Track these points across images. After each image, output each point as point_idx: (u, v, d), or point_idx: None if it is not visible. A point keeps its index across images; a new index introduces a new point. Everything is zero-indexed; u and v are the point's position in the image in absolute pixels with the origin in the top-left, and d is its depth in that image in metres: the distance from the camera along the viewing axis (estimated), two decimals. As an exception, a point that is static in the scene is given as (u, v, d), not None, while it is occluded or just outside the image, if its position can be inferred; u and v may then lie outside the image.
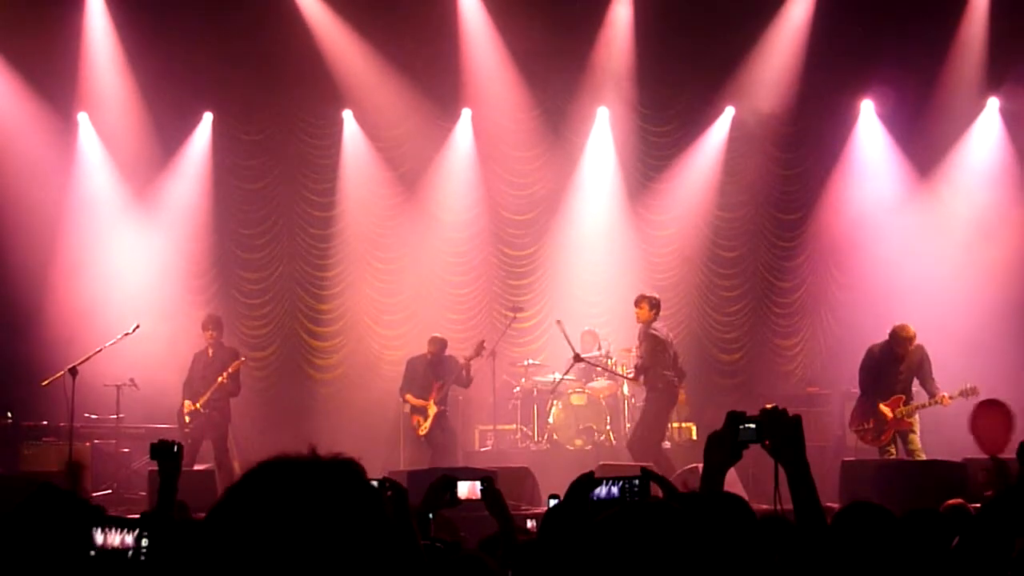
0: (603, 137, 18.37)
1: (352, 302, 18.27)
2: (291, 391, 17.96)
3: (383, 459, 15.36)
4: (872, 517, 4.21)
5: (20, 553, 2.30)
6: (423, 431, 15.36)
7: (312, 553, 1.93)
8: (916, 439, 13.77)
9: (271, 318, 18.17)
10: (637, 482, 3.48)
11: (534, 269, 18.48)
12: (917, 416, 13.88)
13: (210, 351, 14.82)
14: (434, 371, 15.56)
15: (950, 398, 13.64)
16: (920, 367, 13.94)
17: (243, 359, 15.26)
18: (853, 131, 18.21)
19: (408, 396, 15.51)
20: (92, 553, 2.35)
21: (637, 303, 14.27)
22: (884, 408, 13.85)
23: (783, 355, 18.22)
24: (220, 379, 14.52)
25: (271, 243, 18.19)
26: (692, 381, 16.13)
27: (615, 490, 3.50)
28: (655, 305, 14.21)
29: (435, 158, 18.31)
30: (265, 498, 1.98)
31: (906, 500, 8.31)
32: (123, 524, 2.35)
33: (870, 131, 18.19)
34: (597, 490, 3.49)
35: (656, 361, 14.00)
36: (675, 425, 15.62)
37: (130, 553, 2.31)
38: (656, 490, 4.06)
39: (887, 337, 14.05)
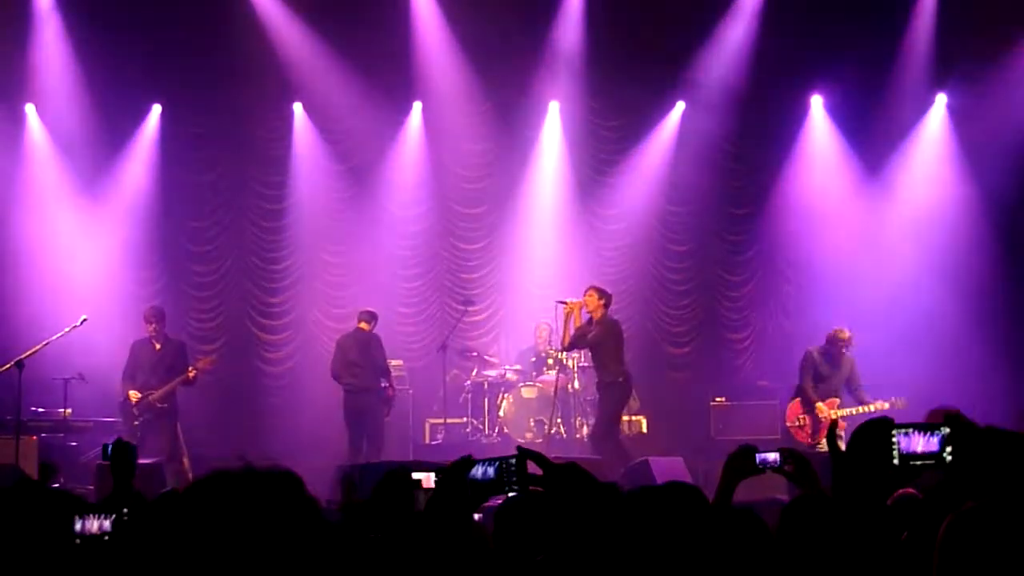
0: (554, 131, 18.39)
1: (303, 295, 18.20)
2: (241, 384, 17.87)
3: (334, 452, 15.30)
4: (818, 509, 4.24)
5: (5, 550, 2.38)
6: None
7: (251, 566, 1.94)
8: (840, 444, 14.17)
9: (220, 311, 18.07)
10: (514, 462, 3.45)
11: (485, 263, 18.47)
12: (843, 424, 14.35)
13: (157, 344, 14.74)
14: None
15: (882, 404, 14.21)
16: (851, 375, 14.68)
17: (214, 357, 15.44)
18: (803, 126, 18.33)
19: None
20: (77, 541, 2.44)
21: (587, 293, 14.21)
22: (823, 406, 14.34)
23: (733, 348, 18.32)
24: (190, 374, 14.54)
25: (220, 235, 18.09)
26: (642, 375, 16.18)
27: (491, 471, 3.47)
28: (604, 295, 14.18)
29: (386, 151, 18.27)
30: (204, 515, 2.02)
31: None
32: (100, 509, 2.45)
33: (819, 126, 18.31)
34: (474, 471, 3.48)
35: (615, 348, 13.98)
36: (626, 418, 15.66)
37: (107, 537, 2.41)
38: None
39: (824, 341, 14.74)
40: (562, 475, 3.30)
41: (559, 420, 15.89)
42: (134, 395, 14.49)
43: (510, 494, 3.57)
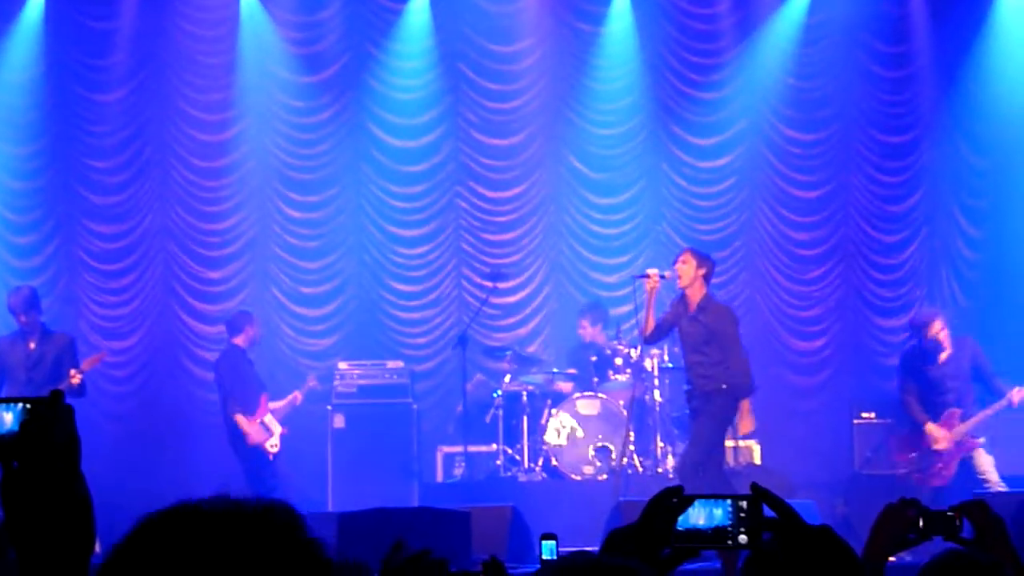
0: (624, 23, 18.30)
1: (255, 268, 18.18)
2: (166, 397, 17.88)
3: (297, 491, 15.32)
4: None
5: None
6: (275, 450, 15.86)
7: None
8: (983, 460, 14.40)
9: (136, 291, 18.07)
10: (746, 505, 3.49)
11: (522, 218, 18.43)
12: (982, 452, 14.64)
13: (31, 343, 14.79)
14: (253, 367, 16.21)
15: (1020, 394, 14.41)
16: (978, 365, 14.83)
17: (104, 352, 15.38)
18: (990, 12, 18.17)
19: (239, 417, 15.78)
20: None
21: (680, 257, 14.17)
22: (936, 429, 14.47)
23: (887, 341, 18.18)
24: (73, 379, 14.55)
25: (135, 180, 18.07)
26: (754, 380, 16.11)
27: (722, 514, 3.50)
28: (705, 263, 14.13)
29: (376, 55, 18.24)
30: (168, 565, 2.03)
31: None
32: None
33: (1014, 13, 18.15)
34: (690, 515, 3.49)
35: (724, 339, 13.96)
36: (730, 443, 15.62)
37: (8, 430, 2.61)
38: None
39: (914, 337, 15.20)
40: (811, 538, 3.26)
41: (633, 447, 15.86)
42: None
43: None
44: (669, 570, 3.46)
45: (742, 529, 3.45)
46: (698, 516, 3.48)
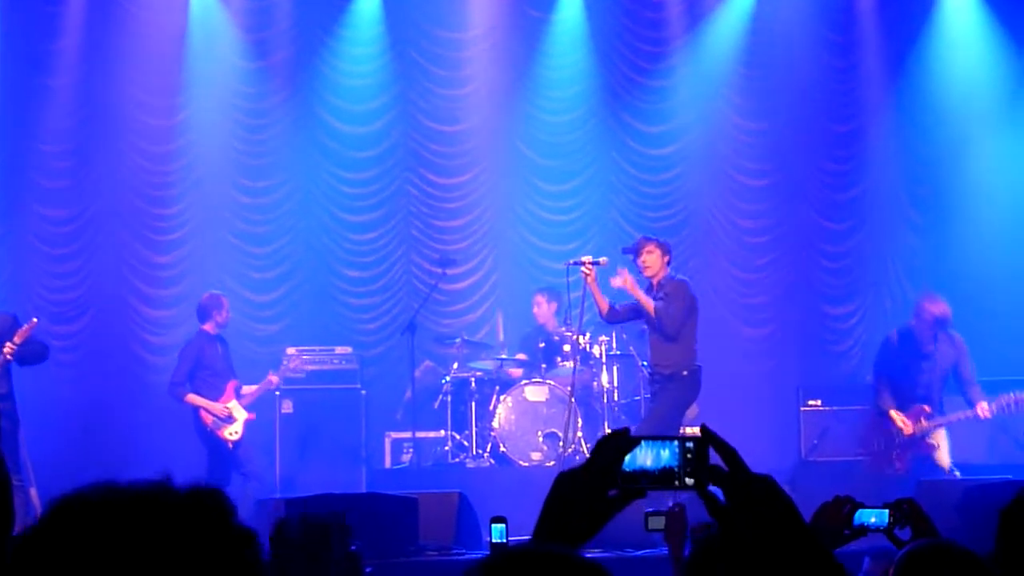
0: (574, 11, 18.34)
1: (204, 252, 18.12)
2: (115, 382, 17.81)
3: (257, 479, 15.35)
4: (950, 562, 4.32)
5: None
6: (235, 437, 15.57)
7: None
8: (945, 461, 14.33)
9: (85, 275, 17.98)
10: (693, 446, 3.51)
11: (471, 205, 18.44)
12: (943, 431, 14.43)
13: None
14: (224, 354, 15.88)
15: (990, 410, 14.21)
16: (959, 368, 14.54)
17: (35, 320, 15.21)
18: (936, 3, 18.26)
19: (192, 396, 15.57)
20: None
21: (645, 248, 14.13)
22: (903, 419, 14.43)
23: (834, 328, 18.27)
24: (5, 351, 14.42)
25: (84, 165, 17.99)
26: (703, 366, 16.15)
27: (669, 454, 3.52)
28: (669, 250, 14.17)
29: (326, 41, 18.23)
30: (80, 553, 1.97)
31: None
32: None
33: (961, 3, 18.24)
34: (637, 456, 3.51)
35: (686, 322, 14.02)
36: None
37: None
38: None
39: (912, 317, 14.67)
40: (754, 483, 3.29)
41: (580, 434, 15.88)
42: None
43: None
44: (616, 511, 3.49)
45: (688, 470, 3.48)
46: (645, 457, 3.50)
